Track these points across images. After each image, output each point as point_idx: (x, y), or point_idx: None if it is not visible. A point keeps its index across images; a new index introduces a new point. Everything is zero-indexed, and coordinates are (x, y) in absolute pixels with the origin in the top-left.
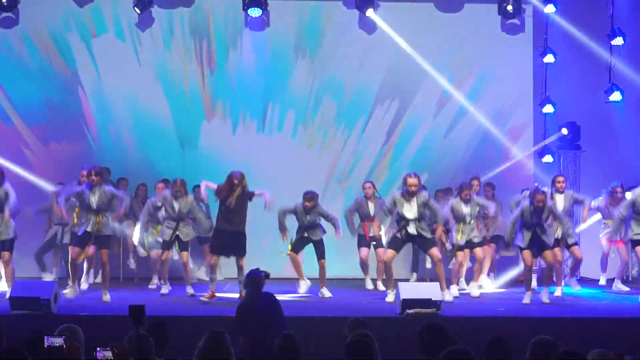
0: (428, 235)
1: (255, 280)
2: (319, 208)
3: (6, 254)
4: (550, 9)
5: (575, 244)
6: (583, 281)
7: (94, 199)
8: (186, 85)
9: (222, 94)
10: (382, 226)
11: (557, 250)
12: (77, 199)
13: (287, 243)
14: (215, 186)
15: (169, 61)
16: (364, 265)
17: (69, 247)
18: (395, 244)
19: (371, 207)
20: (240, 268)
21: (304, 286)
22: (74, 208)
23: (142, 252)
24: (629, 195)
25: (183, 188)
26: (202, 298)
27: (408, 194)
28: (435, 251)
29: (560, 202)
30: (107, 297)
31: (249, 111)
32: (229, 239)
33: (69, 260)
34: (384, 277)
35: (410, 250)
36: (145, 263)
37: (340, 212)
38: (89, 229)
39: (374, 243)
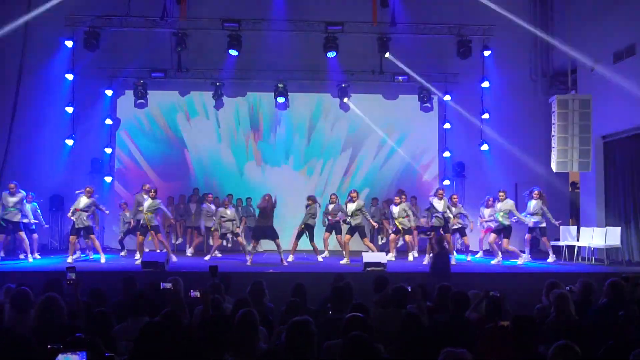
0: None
1: (442, 241)
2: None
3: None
4: (447, 97)
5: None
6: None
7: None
8: (241, 135)
9: (262, 146)
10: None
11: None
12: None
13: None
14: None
15: (233, 129)
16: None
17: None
18: (350, 232)
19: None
20: (278, 245)
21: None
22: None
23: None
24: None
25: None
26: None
27: (350, 201)
28: (366, 241)
29: (439, 205)
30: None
31: (276, 155)
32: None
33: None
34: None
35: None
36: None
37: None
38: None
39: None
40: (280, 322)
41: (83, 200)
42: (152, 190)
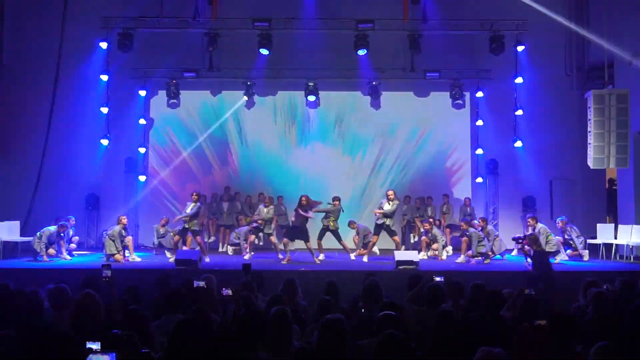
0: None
1: (537, 240)
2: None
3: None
4: (480, 94)
5: None
6: None
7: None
8: (272, 134)
9: (293, 144)
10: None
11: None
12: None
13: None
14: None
15: (264, 128)
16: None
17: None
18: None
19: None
20: (308, 248)
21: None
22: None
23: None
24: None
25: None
26: (282, 261)
27: (389, 200)
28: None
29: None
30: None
31: (307, 153)
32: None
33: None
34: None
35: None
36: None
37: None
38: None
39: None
40: (312, 321)
41: (117, 229)
42: (194, 194)
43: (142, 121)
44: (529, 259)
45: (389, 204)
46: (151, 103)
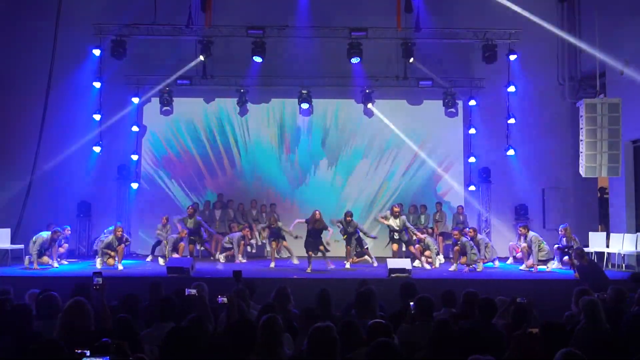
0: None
1: (583, 253)
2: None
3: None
4: (472, 102)
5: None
6: None
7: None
8: (266, 142)
9: (286, 152)
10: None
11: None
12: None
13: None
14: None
15: (257, 135)
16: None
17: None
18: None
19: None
20: (309, 255)
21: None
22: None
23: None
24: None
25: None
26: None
27: (393, 215)
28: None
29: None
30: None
31: (301, 161)
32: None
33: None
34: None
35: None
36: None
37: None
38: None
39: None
40: (301, 329)
41: (109, 239)
42: (189, 208)
43: (134, 128)
44: (576, 272)
45: (395, 220)
46: (144, 110)
